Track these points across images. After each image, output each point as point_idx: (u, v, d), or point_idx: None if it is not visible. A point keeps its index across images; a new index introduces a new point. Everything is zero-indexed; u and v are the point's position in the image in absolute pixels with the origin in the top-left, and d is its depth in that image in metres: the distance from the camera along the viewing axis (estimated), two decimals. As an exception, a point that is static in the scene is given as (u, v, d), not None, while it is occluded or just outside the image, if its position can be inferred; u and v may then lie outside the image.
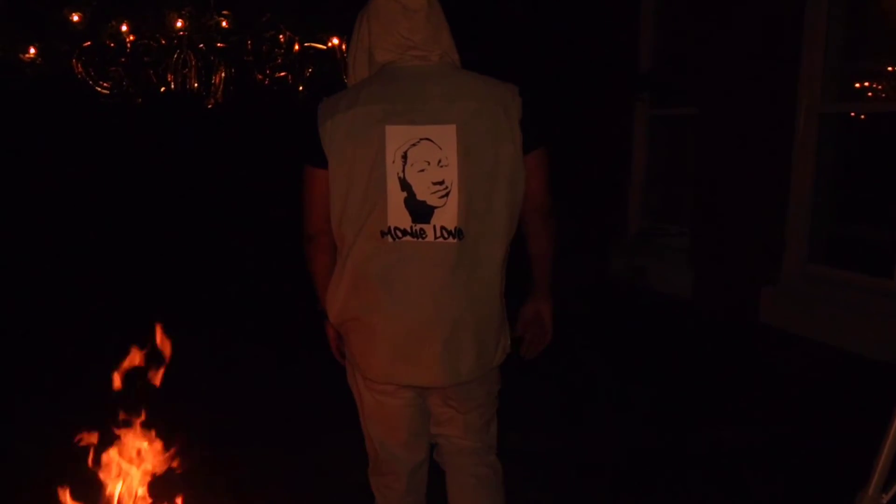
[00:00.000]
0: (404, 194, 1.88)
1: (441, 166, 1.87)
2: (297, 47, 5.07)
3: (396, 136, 1.87)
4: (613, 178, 6.90)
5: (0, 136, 4.84)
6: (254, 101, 4.95)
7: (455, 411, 2.16)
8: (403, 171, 1.87)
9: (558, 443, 3.66)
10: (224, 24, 4.84)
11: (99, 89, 4.69)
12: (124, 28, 4.68)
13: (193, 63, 4.81)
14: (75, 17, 4.60)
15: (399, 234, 1.90)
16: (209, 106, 4.90)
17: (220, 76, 4.91)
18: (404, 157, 1.87)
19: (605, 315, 5.70)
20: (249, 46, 4.94)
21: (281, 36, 5.02)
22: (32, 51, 4.59)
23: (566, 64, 6.10)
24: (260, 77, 5.01)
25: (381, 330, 1.96)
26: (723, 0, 5.62)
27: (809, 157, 5.16)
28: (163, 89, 4.78)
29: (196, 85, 4.87)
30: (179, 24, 4.73)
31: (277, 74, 5.05)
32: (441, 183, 1.87)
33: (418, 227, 1.89)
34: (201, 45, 4.82)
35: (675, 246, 6.39)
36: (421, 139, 1.87)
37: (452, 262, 1.91)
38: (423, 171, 1.87)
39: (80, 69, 4.62)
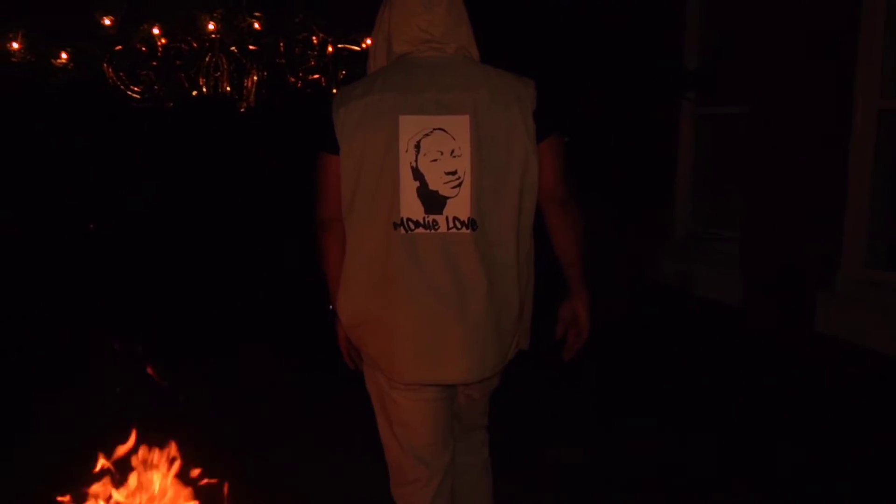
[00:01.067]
0: (417, 184, 1.90)
1: (454, 156, 1.89)
2: (330, 49, 5.03)
3: (410, 126, 1.89)
4: (659, 180, 6.71)
5: (31, 141, 4.84)
6: (287, 104, 4.87)
7: (473, 401, 2.21)
8: (416, 160, 1.89)
9: (596, 457, 3.54)
10: (256, 25, 4.85)
11: (130, 94, 4.69)
12: (155, 31, 4.70)
13: (225, 66, 4.81)
14: (107, 21, 4.62)
15: (412, 225, 1.90)
16: (241, 110, 4.87)
17: (253, 79, 4.89)
18: (417, 146, 1.89)
19: (649, 322, 5.55)
20: (282, 48, 4.92)
21: (314, 37, 4.98)
22: (64, 56, 4.61)
23: (607, 60, 5.96)
24: (293, 80, 4.97)
25: (401, 328, 1.94)
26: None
27: (867, 156, 4.91)
28: (194, 93, 4.76)
29: (228, 88, 4.86)
30: (211, 26, 4.75)
31: (311, 77, 5.01)
32: (454, 173, 1.89)
33: (431, 217, 1.90)
34: (233, 48, 4.81)
35: (724, 250, 6.16)
36: (434, 129, 1.89)
37: (467, 252, 1.92)
38: (435, 160, 1.89)
39: (112, 73, 4.63)
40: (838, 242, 5.03)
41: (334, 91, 5.01)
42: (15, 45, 4.55)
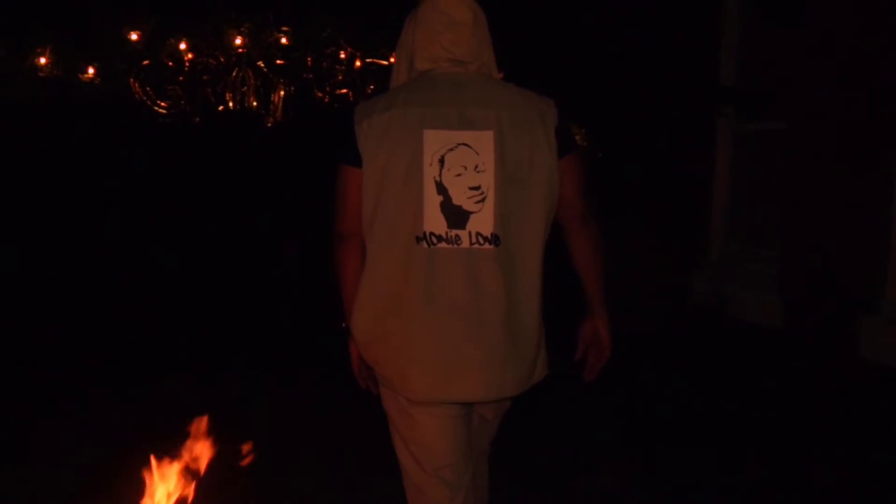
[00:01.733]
0: (440, 198, 1.89)
1: (478, 171, 1.89)
2: (358, 63, 5.01)
3: (434, 140, 1.89)
4: (695, 198, 6.61)
5: (58, 155, 4.85)
6: (314, 119, 4.83)
7: (485, 422, 2.19)
8: (440, 175, 1.89)
9: (630, 487, 3.38)
10: (284, 40, 4.85)
11: (156, 108, 4.69)
12: (183, 46, 4.71)
13: (252, 81, 4.82)
14: (134, 36, 4.64)
15: (434, 239, 1.89)
16: (268, 125, 4.88)
17: (280, 94, 4.90)
18: (441, 161, 1.89)
19: (685, 344, 5.37)
20: (309, 63, 4.94)
21: (342, 52, 4.97)
22: (91, 70, 4.62)
23: (641, 77, 5.88)
24: (320, 94, 4.96)
25: (419, 343, 1.92)
26: (815, 7, 5.31)
27: (914, 174, 4.77)
28: (221, 108, 4.78)
29: (255, 103, 4.86)
30: (239, 41, 4.76)
31: (338, 91, 4.99)
32: (477, 188, 1.89)
33: (454, 232, 1.89)
34: (260, 63, 4.82)
35: (762, 270, 6.05)
36: (458, 144, 1.90)
37: (489, 268, 1.90)
38: (459, 175, 1.89)
39: (138, 88, 4.64)
40: (883, 263, 4.87)
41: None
42: (43, 60, 4.58)
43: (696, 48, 6.16)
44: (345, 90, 4.95)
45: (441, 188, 1.88)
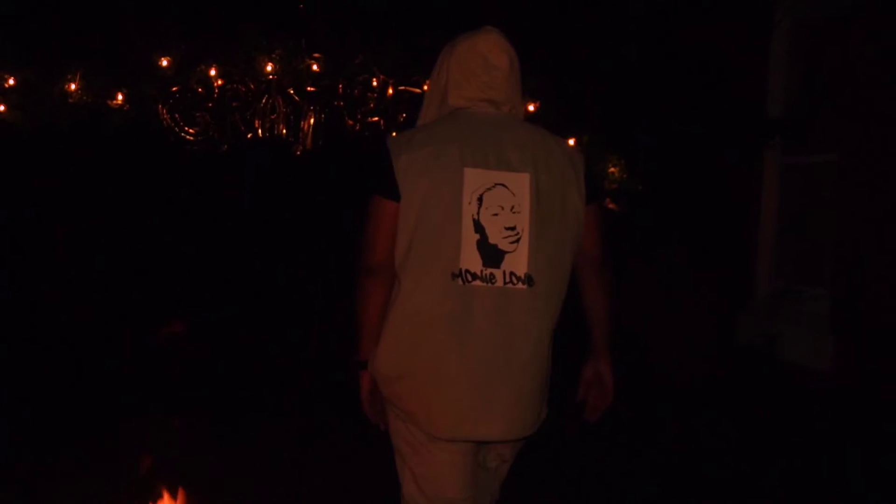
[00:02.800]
0: (477, 237, 1.94)
1: (514, 212, 1.95)
2: (390, 91, 4.92)
3: (474, 179, 1.94)
4: (740, 234, 6.41)
5: (84, 182, 4.89)
6: (343, 147, 4.76)
7: (503, 462, 2.20)
8: (478, 213, 1.94)
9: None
10: (315, 67, 4.78)
11: (184, 135, 4.66)
12: (213, 72, 4.68)
13: (282, 108, 4.77)
14: (164, 62, 4.62)
15: (469, 277, 1.93)
16: (297, 153, 4.80)
17: (309, 122, 4.86)
18: (480, 199, 1.94)
19: (729, 388, 5.18)
20: (340, 90, 4.85)
21: (374, 79, 4.88)
22: (120, 96, 4.61)
23: (684, 107, 5.74)
24: (351, 122, 4.87)
25: (451, 381, 1.94)
26: (868, 35, 5.13)
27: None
28: (249, 135, 4.72)
29: (284, 131, 4.81)
30: (269, 67, 4.71)
31: (369, 119, 4.90)
32: (513, 228, 1.95)
33: (488, 271, 1.94)
34: (290, 90, 4.77)
35: (812, 310, 5.80)
36: (496, 184, 1.95)
37: (521, 308, 1.96)
38: (496, 215, 1.95)
39: (167, 115, 4.61)
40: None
41: (393, 134, 4.92)
42: (73, 86, 4.58)
43: (742, 78, 6.00)
44: (376, 118, 4.85)
45: (478, 227, 1.94)
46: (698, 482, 3.79)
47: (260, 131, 4.71)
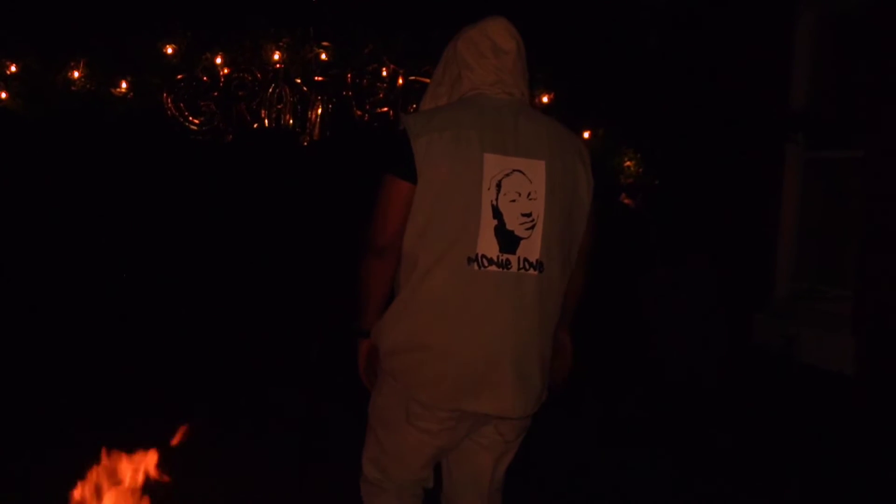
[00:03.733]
0: (495, 222, 1.98)
1: (530, 199, 2.00)
2: (401, 81, 4.84)
3: (493, 164, 1.98)
4: (759, 232, 6.29)
5: (86, 172, 4.86)
6: (351, 138, 4.69)
7: (504, 441, 2.22)
8: (497, 199, 1.99)
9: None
10: (323, 56, 4.74)
11: (189, 125, 4.59)
12: (219, 61, 4.63)
13: (289, 98, 4.71)
14: (169, 50, 4.58)
15: (485, 262, 1.98)
16: (304, 143, 4.74)
17: (317, 112, 4.79)
18: (499, 185, 1.98)
19: (746, 392, 5.07)
20: (349, 80, 4.78)
21: (384, 69, 4.81)
22: (124, 85, 4.55)
23: (703, 101, 5.65)
24: (359, 113, 4.79)
25: (462, 357, 2.01)
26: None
27: None
28: (255, 125, 4.66)
29: (291, 121, 4.74)
30: (277, 56, 4.67)
31: (378, 110, 4.82)
32: (529, 215, 2.00)
33: (504, 257, 1.99)
34: (298, 79, 4.71)
35: (833, 311, 5.70)
36: (514, 170, 2.00)
37: (532, 293, 2.03)
38: (514, 201, 1.99)
39: (171, 104, 4.55)
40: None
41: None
42: (76, 74, 4.53)
43: (764, 71, 5.90)
44: (385, 108, 4.77)
45: (497, 212, 1.98)
46: (711, 486, 3.70)
47: (266, 121, 4.66)
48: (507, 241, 1.99)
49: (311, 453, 3.81)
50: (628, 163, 5.21)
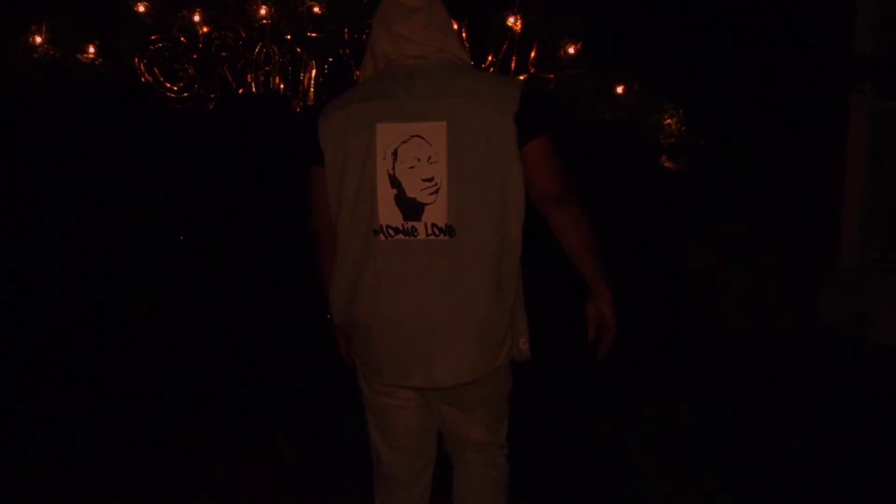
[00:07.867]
0: (394, 191, 2.03)
1: (431, 163, 2.02)
2: (405, 35, 4.47)
3: (387, 134, 2.03)
4: (822, 195, 5.96)
5: (54, 145, 4.63)
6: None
7: (457, 410, 2.28)
8: (393, 168, 2.03)
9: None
10: (316, 9, 4.48)
11: (165, 92, 4.33)
12: (197, 18, 4.41)
13: (278, 58, 4.49)
14: (140, 8, 4.35)
15: (391, 232, 2.04)
16: (297, 109, 4.53)
17: (311, 73, 4.57)
18: (395, 154, 2.03)
19: (810, 373, 4.81)
20: (346, 36, 4.55)
21: (386, 22, 4.44)
22: (91, 49, 4.30)
23: (753, 46, 5.30)
24: (358, 73, 4.43)
25: (379, 331, 2.10)
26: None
27: None
28: (241, 91, 4.46)
29: (281, 85, 4.50)
30: (263, 11, 4.42)
31: (380, 69, 4.47)
32: (431, 179, 2.02)
33: (410, 224, 2.04)
34: (288, 37, 4.46)
35: (907, 283, 5.38)
36: (412, 136, 2.02)
37: (445, 258, 2.05)
38: (412, 167, 2.03)
39: (144, 69, 4.30)
40: None
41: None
42: (38, 39, 4.27)
43: (824, 9, 5.53)
44: (388, 67, 4.40)
45: (395, 181, 2.03)
46: (773, 477, 3.42)
47: (253, 86, 4.47)
48: (410, 208, 2.04)
49: (311, 453, 3.71)
50: (669, 120, 4.94)
